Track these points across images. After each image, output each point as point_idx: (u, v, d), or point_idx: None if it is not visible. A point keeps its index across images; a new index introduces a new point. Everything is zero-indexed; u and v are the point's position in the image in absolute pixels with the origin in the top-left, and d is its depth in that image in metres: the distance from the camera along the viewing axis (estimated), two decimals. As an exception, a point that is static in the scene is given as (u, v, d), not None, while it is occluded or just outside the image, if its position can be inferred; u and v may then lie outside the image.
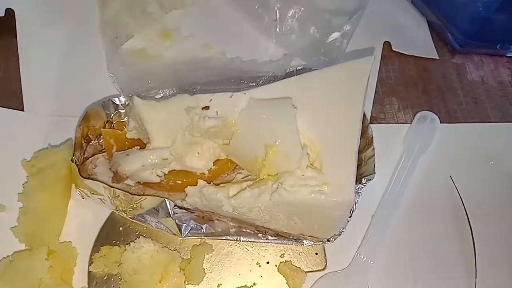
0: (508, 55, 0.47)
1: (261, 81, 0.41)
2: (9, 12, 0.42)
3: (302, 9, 0.45)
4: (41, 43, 0.43)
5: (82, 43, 0.43)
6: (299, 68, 0.42)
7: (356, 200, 0.34)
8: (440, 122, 0.42)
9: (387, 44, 0.46)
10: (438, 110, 0.43)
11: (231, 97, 0.31)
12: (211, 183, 0.34)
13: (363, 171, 0.35)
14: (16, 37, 0.42)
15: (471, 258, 0.36)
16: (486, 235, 0.37)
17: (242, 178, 0.35)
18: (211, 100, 0.31)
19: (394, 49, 0.46)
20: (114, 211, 0.35)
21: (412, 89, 0.45)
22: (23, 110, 0.39)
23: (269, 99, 0.32)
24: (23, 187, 0.35)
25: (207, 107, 0.31)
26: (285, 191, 0.29)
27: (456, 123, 0.43)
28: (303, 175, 0.29)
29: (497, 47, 0.45)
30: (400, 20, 0.48)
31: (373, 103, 0.43)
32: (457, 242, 0.37)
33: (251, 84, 0.41)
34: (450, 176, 0.40)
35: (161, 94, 0.40)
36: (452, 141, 0.42)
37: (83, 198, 0.36)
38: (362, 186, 0.34)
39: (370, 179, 0.34)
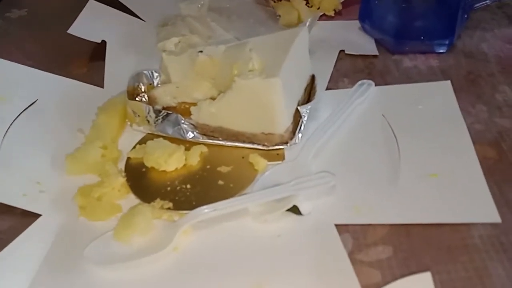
0: (436, 51, 0.65)
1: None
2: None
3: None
4: (120, 63, 0.69)
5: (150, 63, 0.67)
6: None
7: (304, 120, 0.52)
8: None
9: (342, 51, 0.67)
10: (378, 83, 0.61)
11: (217, 46, 0.54)
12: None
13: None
14: (104, 60, 0.69)
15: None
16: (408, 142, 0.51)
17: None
18: (205, 48, 0.54)
19: (346, 53, 0.67)
20: (146, 126, 0.55)
21: (360, 74, 0.63)
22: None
23: (237, 44, 0.54)
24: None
25: (201, 51, 0.53)
26: (239, 79, 0.48)
27: (388, 85, 0.60)
28: (249, 70, 0.49)
29: (421, 38, 0.64)
30: (352, 38, 0.69)
31: (329, 81, 0.62)
32: (384, 148, 0.52)
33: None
34: (382, 114, 0.56)
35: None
36: (384, 95, 0.58)
37: (130, 126, 0.57)
38: (307, 108, 0.52)
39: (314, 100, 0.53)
